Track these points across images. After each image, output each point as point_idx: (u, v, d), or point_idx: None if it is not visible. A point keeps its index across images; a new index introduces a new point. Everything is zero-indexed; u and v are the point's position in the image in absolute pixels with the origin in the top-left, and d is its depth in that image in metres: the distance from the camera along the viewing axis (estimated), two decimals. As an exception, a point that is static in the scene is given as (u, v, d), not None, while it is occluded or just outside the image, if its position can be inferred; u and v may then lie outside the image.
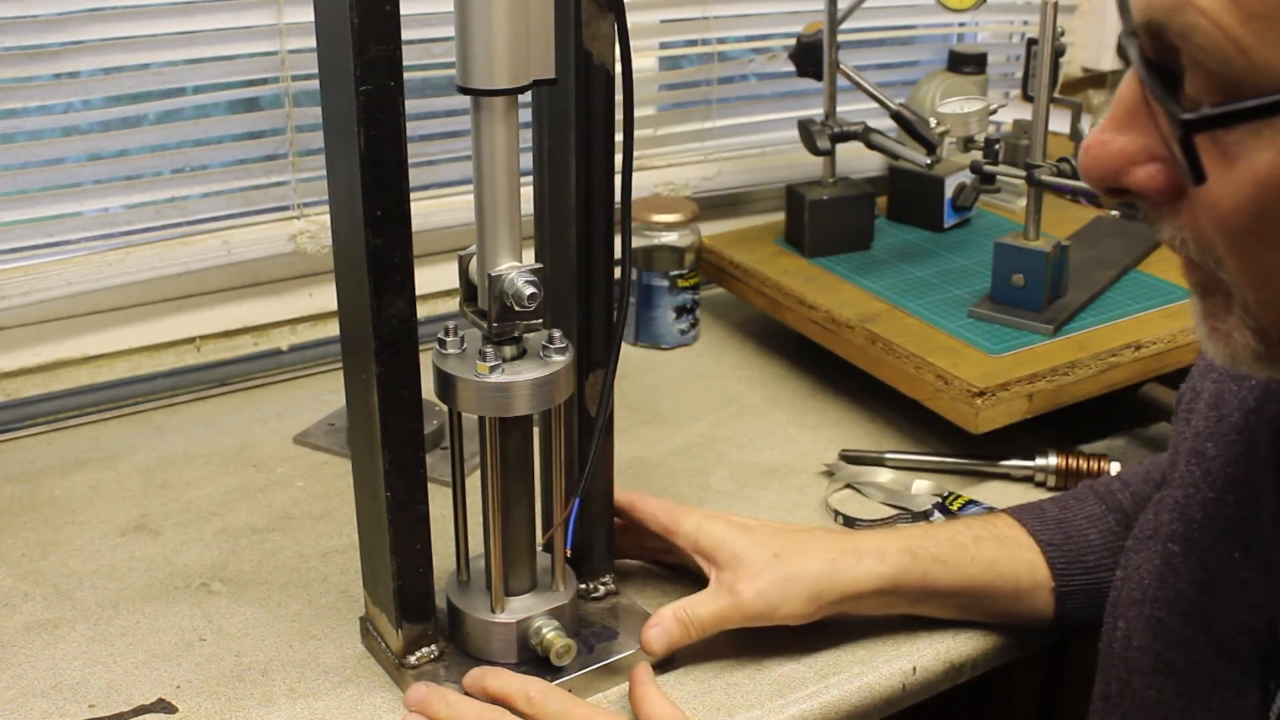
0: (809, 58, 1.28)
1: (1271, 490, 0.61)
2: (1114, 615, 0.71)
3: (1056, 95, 1.12)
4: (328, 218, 0.97)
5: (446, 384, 0.75)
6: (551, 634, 0.80)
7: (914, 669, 0.85)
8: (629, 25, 0.74)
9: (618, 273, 0.80)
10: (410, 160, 0.70)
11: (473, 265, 0.75)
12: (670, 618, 0.81)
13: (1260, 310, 0.48)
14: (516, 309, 0.73)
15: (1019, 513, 0.88)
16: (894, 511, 1.01)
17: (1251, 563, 0.61)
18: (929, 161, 1.19)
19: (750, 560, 0.82)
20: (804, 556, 0.82)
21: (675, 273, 1.28)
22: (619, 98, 0.75)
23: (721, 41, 1.46)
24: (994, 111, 1.20)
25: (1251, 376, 0.65)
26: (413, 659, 0.81)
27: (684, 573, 0.89)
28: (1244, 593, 0.62)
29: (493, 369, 0.74)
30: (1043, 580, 0.84)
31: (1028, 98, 1.12)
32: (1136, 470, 0.90)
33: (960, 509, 1.01)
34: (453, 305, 1.32)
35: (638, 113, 1.09)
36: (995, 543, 0.85)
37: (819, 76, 1.28)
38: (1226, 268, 0.48)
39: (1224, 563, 0.63)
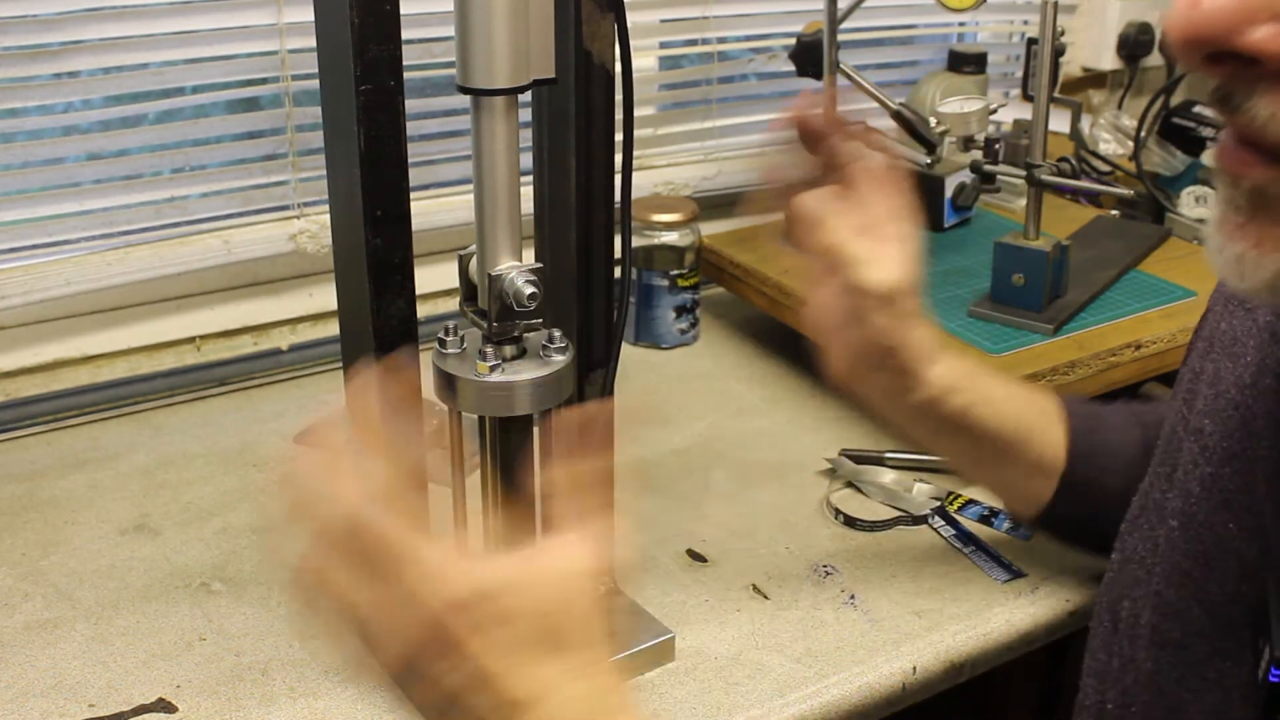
0: (809, 57, 1.28)
1: (1267, 461, 0.62)
2: (1113, 595, 0.72)
3: (1056, 95, 1.12)
4: (328, 218, 0.97)
5: (446, 384, 0.75)
6: (551, 634, 0.79)
7: (914, 669, 0.85)
8: (629, 25, 0.74)
9: (618, 273, 0.80)
10: (410, 160, 0.70)
11: (473, 265, 0.75)
12: None
13: None
14: (516, 309, 0.73)
15: (1059, 394, 0.87)
16: (895, 513, 1.01)
17: (1245, 534, 0.62)
18: (929, 161, 1.19)
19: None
20: (920, 320, 0.81)
21: (675, 272, 1.28)
22: (619, 97, 0.75)
23: (721, 41, 1.46)
24: (994, 111, 1.20)
25: (1247, 353, 0.66)
26: (413, 659, 0.81)
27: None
28: (1237, 563, 0.62)
29: (493, 369, 0.74)
30: (1056, 465, 0.83)
31: (1028, 98, 1.12)
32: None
33: (960, 509, 1.01)
34: (453, 305, 1.32)
35: (638, 113, 1.09)
36: (1038, 412, 0.83)
37: (819, 76, 1.28)
38: None
39: (1219, 535, 0.63)
